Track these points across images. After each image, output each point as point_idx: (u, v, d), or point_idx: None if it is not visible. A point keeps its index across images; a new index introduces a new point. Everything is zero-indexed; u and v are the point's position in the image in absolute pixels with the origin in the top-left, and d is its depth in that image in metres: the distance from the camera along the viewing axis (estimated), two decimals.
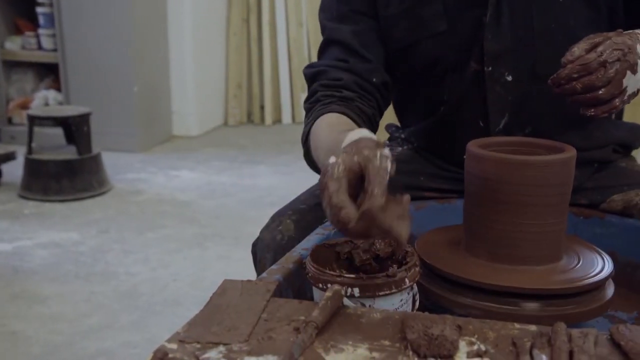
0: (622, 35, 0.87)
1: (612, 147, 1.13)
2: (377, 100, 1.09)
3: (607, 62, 0.84)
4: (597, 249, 0.89)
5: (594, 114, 0.87)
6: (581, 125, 1.07)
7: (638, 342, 0.60)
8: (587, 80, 0.84)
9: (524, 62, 1.02)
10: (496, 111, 1.05)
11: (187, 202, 3.36)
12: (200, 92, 4.83)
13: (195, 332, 0.66)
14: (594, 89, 0.84)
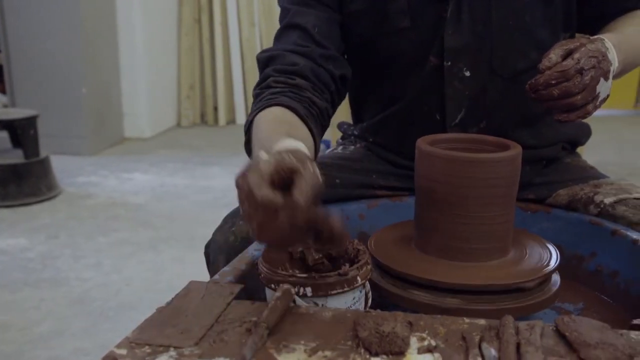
0: (595, 42, 0.90)
1: (561, 144, 1.15)
2: (332, 93, 1.04)
3: (584, 69, 0.86)
4: (544, 241, 0.92)
5: (568, 119, 0.90)
6: (533, 122, 1.09)
7: (582, 333, 0.61)
8: (565, 86, 0.86)
9: (482, 58, 1.04)
10: (453, 106, 1.06)
11: (140, 205, 3.31)
12: (152, 93, 4.77)
13: (148, 334, 0.65)
14: (570, 95, 0.87)
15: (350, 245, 0.84)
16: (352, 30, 1.10)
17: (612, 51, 0.92)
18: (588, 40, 0.90)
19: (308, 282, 0.73)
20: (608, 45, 0.92)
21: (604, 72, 0.88)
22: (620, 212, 0.98)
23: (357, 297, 0.77)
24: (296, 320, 0.67)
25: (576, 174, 1.10)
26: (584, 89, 0.87)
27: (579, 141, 1.20)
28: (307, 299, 0.74)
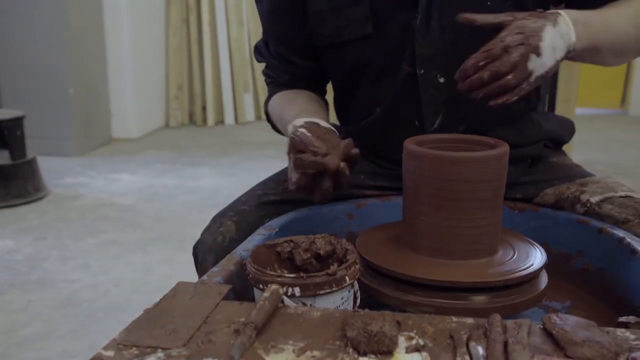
0: (529, 18, 0.88)
1: (543, 142, 1.16)
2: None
3: (510, 47, 0.85)
4: (531, 240, 0.92)
5: (504, 101, 0.87)
6: (513, 121, 1.10)
7: (568, 331, 0.62)
8: (493, 66, 0.85)
9: (456, 64, 1.02)
10: (430, 112, 1.06)
11: (129, 206, 3.30)
12: (140, 93, 4.75)
13: (135, 336, 0.65)
14: (501, 76, 0.85)
15: (338, 245, 0.84)
16: (319, 32, 1.10)
17: (562, 27, 0.89)
18: (524, 14, 0.89)
19: (296, 282, 0.74)
20: (561, 21, 0.89)
21: (533, 48, 0.85)
22: (607, 210, 0.99)
23: (345, 297, 0.77)
24: (284, 321, 0.67)
25: (562, 172, 1.10)
26: (515, 66, 0.85)
27: (563, 139, 1.20)
28: (296, 299, 0.74)
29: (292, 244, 0.85)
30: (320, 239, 0.85)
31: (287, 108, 1.16)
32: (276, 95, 1.22)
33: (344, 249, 0.83)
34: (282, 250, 0.85)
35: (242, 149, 4.39)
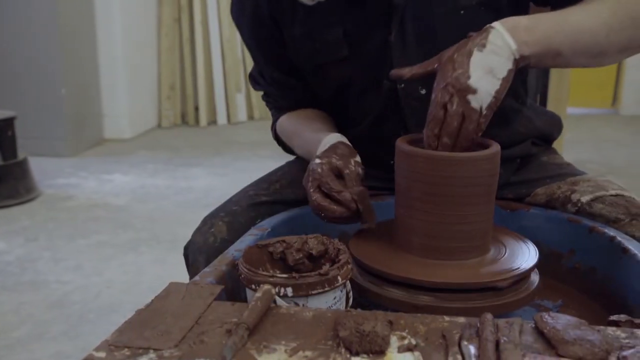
0: (453, 57, 0.86)
1: (531, 140, 1.16)
2: None
3: (446, 103, 0.85)
4: (523, 239, 0.92)
5: (477, 138, 0.87)
6: (504, 121, 1.09)
7: (560, 329, 0.62)
8: (445, 131, 0.86)
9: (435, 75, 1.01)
10: (415, 123, 1.05)
11: (121, 206, 3.29)
12: (132, 94, 4.73)
13: (127, 337, 0.64)
14: (458, 131, 0.86)
15: (330, 245, 0.84)
16: (299, 53, 1.10)
17: (493, 44, 0.85)
18: (451, 53, 0.86)
19: (289, 282, 0.73)
20: (493, 37, 0.85)
21: (465, 91, 0.84)
22: (598, 210, 0.99)
23: (338, 297, 0.77)
24: (277, 321, 0.67)
25: (553, 171, 1.11)
26: (462, 116, 0.85)
27: (551, 135, 1.20)
28: (288, 299, 0.74)
29: (285, 244, 0.85)
30: (312, 239, 0.85)
31: (301, 128, 1.17)
32: (283, 117, 1.22)
33: (336, 249, 0.83)
34: (274, 251, 0.85)
35: (235, 149, 4.39)
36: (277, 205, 1.10)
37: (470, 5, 1.00)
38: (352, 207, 0.91)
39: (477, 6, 1.00)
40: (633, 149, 4.34)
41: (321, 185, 0.93)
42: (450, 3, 1.00)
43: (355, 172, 0.95)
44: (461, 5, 1.00)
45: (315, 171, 0.94)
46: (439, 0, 1.00)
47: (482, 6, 1.00)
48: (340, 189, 0.92)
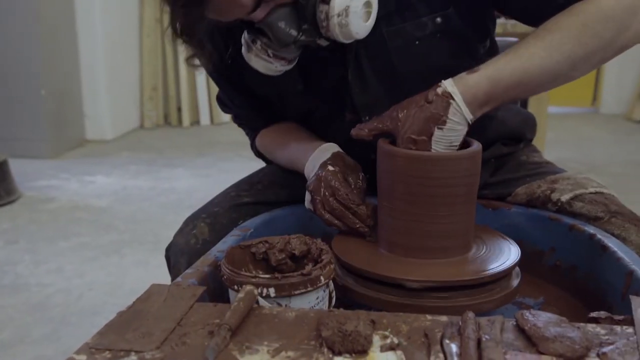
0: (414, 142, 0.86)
1: (501, 141, 1.15)
2: None
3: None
4: (505, 237, 0.93)
5: None
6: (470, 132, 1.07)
7: (540, 327, 0.62)
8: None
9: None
10: None
11: (103, 208, 3.26)
12: (113, 94, 4.69)
13: (108, 339, 0.64)
14: None
15: (313, 245, 0.84)
16: (259, 86, 1.07)
17: (452, 121, 0.85)
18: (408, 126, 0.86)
19: (271, 282, 0.73)
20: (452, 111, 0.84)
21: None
22: (578, 209, 1.00)
23: (320, 297, 0.77)
24: (259, 321, 0.67)
25: (532, 170, 1.11)
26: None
27: (523, 135, 1.19)
28: (271, 300, 0.74)
29: (267, 245, 0.85)
30: (295, 239, 0.85)
31: (284, 140, 1.15)
32: (262, 134, 1.21)
33: (319, 249, 0.83)
34: (256, 251, 0.85)
35: (218, 150, 4.37)
36: (259, 206, 1.10)
37: (424, 35, 0.98)
38: (369, 223, 0.93)
39: (432, 35, 0.98)
40: (613, 147, 4.38)
41: (336, 194, 0.93)
42: (403, 36, 0.98)
43: (363, 186, 0.98)
44: (415, 37, 0.98)
45: (328, 179, 0.94)
46: (392, 34, 0.97)
47: (438, 33, 0.98)
48: (359, 202, 0.94)
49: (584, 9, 0.87)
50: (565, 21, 0.87)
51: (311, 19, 0.89)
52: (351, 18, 0.87)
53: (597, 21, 0.86)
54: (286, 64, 0.96)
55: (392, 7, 0.96)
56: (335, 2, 0.86)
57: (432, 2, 0.96)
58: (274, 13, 0.87)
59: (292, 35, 0.89)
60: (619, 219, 0.97)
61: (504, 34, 1.49)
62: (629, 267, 0.84)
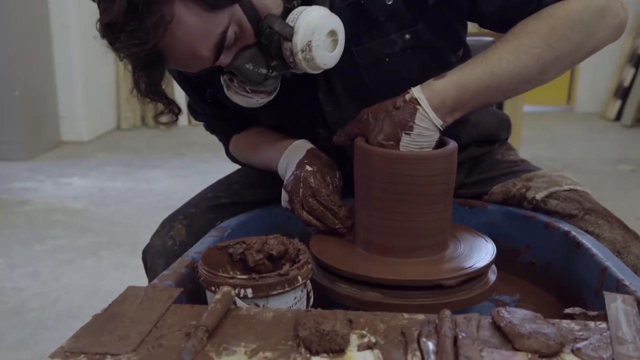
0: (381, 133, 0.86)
1: (474, 144, 1.15)
2: None
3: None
4: (481, 234, 0.94)
5: None
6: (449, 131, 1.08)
7: (516, 324, 0.63)
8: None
9: None
10: None
11: (80, 210, 3.22)
12: (89, 95, 4.65)
13: (83, 343, 0.63)
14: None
15: (291, 245, 0.84)
16: (227, 102, 1.04)
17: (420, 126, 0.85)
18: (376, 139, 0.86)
19: (248, 283, 0.73)
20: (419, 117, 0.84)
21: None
22: (552, 206, 1.01)
23: (298, 297, 0.77)
24: (237, 322, 0.67)
25: (508, 168, 1.12)
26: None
27: (497, 136, 1.19)
28: (248, 301, 0.73)
29: (244, 245, 0.85)
30: (272, 240, 0.84)
31: (257, 142, 1.14)
32: (234, 139, 1.20)
33: (297, 248, 0.83)
34: (234, 252, 0.84)
35: (195, 151, 4.35)
36: (236, 207, 1.10)
37: (393, 52, 0.97)
38: (348, 224, 0.93)
39: (402, 51, 0.97)
40: (588, 145, 4.45)
41: (317, 195, 0.93)
42: (373, 54, 0.97)
43: (340, 184, 0.98)
44: (384, 54, 0.97)
45: (307, 179, 0.93)
46: (362, 53, 0.97)
47: (408, 50, 0.97)
48: (340, 203, 0.94)
49: (552, 13, 0.88)
50: (533, 25, 0.88)
51: (278, 55, 0.88)
52: (315, 52, 0.87)
53: (565, 25, 0.87)
54: (266, 96, 0.96)
55: (361, 27, 0.95)
56: (298, 39, 0.86)
57: (400, 20, 0.95)
58: (239, 57, 0.87)
59: (263, 74, 0.89)
60: (592, 216, 0.98)
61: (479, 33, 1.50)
62: (602, 263, 0.85)
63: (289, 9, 0.88)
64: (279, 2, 0.88)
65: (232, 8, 0.82)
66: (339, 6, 0.94)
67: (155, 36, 0.77)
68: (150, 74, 0.83)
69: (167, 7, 0.78)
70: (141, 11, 0.76)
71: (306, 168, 0.95)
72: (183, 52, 0.83)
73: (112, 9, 0.77)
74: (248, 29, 0.85)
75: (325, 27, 0.87)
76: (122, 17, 0.76)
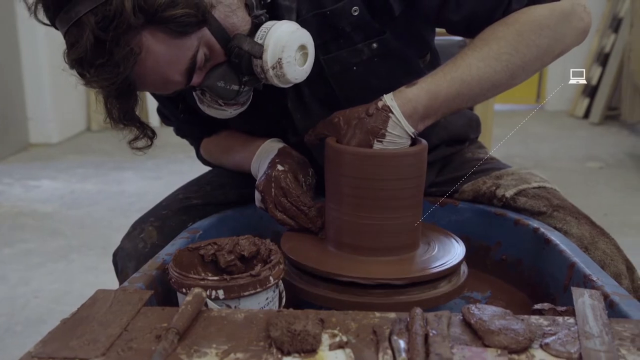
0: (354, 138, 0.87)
1: (444, 144, 1.16)
2: None
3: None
4: (451, 234, 0.94)
5: None
6: None
7: (486, 320, 0.64)
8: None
9: None
10: None
11: (49, 213, 3.17)
12: (59, 96, 4.57)
13: (51, 348, 0.62)
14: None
15: (262, 245, 0.84)
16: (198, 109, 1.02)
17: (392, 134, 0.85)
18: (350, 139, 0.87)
19: (220, 284, 0.73)
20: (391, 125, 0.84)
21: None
22: (522, 204, 1.03)
23: (270, 297, 0.77)
24: (208, 324, 0.66)
25: (478, 167, 1.13)
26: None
27: (466, 136, 1.20)
28: (220, 302, 0.73)
29: (216, 246, 0.84)
30: (244, 240, 0.84)
31: (229, 144, 1.14)
32: (205, 142, 1.20)
33: (268, 249, 0.82)
34: (205, 253, 0.84)
35: (168, 152, 4.30)
36: (208, 208, 1.09)
37: (361, 61, 0.97)
38: (319, 224, 0.94)
39: (369, 59, 0.98)
40: (557, 142, 4.51)
41: (288, 196, 0.93)
42: (340, 63, 0.97)
43: (313, 182, 0.98)
44: (352, 63, 0.97)
45: (279, 179, 0.94)
46: (329, 61, 0.97)
47: (375, 58, 0.98)
48: (310, 204, 0.94)
49: (518, 18, 0.89)
50: (501, 31, 0.89)
51: (249, 72, 0.89)
52: (286, 69, 0.87)
53: (532, 31, 0.88)
54: (240, 107, 0.96)
55: (328, 36, 0.95)
56: (268, 57, 0.86)
57: (367, 30, 0.96)
58: (210, 76, 0.87)
59: (235, 90, 0.90)
60: (560, 212, 1.00)
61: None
62: (570, 259, 0.86)
63: (257, 25, 0.88)
64: (247, 18, 0.87)
65: (200, 31, 0.82)
66: (305, 17, 0.94)
67: (126, 69, 0.77)
68: (122, 102, 0.83)
69: (135, 39, 0.77)
70: (109, 46, 0.75)
71: (277, 167, 0.95)
72: (155, 79, 0.83)
73: (79, 44, 0.76)
74: (218, 49, 0.86)
75: (294, 43, 0.87)
76: (90, 53, 0.76)
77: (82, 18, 0.75)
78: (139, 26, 0.76)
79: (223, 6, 0.84)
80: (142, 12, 0.75)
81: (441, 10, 0.93)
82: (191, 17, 0.78)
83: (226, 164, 1.17)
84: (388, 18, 0.95)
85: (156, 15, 0.76)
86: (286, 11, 0.92)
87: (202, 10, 0.80)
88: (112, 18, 0.74)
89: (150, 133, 0.93)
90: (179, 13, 0.77)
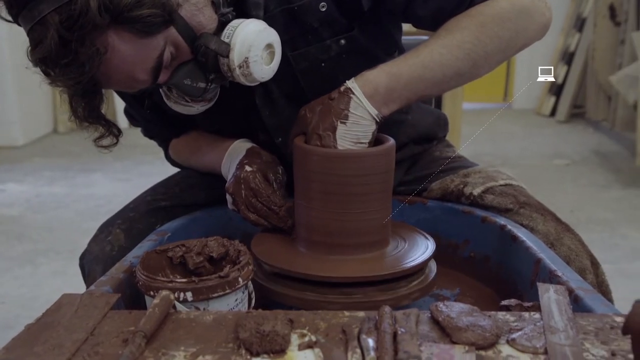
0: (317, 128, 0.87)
1: (412, 143, 1.17)
2: None
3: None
4: (421, 232, 0.95)
5: None
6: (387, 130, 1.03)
7: (453, 317, 0.64)
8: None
9: None
10: None
11: (15, 217, 3.11)
12: (23, 97, 4.48)
13: (15, 354, 0.61)
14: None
15: (231, 246, 0.83)
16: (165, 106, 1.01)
17: (354, 115, 0.86)
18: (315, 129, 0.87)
19: (188, 286, 0.72)
20: (353, 105, 0.86)
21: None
22: (489, 201, 1.04)
23: (239, 299, 0.77)
24: (176, 327, 0.66)
25: (445, 165, 1.14)
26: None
27: (435, 135, 1.21)
28: (188, 304, 0.72)
29: (184, 248, 0.84)
30: (212, 242, 0.84)
31: (198, 144, 1.13)
32: (173, 143, 1.19)
33: (237, 250, 0.82)
34: (173, 255, 0.83)
35: (137, 153, 4.25)
36: (176, 209, 1.08)
37: (329, 57, 0.98)
38: (289, 224, 0.94)
39: (338, 56, 0.98)
40: (524, 140, 4.58)
41: (258, 196, 0.93)
42: (308, 59, 0.98)
43: (284, 180, 0.98)
44: (320, 59, 0.98)
45: (248, 180, 0.94)
46: (297, 58, 0.97)
47: (343, 54, 0.98)
48: (281, 204, 0.94)
49: (482, 10, 0.90)
50: (464, 22, 0.90)
51: (215, 70, 0.88)
52: (252, 68, 0.87)
53: (494, 23, 0.90)
54: (207, 104, 0.95)
55: (296, 32, 0.96)
56: (235, 56, 0.86)
57: (335, 26, 0.96)
58: (176, 74, 0.87)
59: (201, 88, 0.89)
60: (527, 209, 1.01)
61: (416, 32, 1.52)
62: (536, 255, 0.88)
63: (224, 23, 0.88)
64: (213, 16, 0.87)
65: (167, 30, 0.81)
66: (273, 12, 0.94)
67: (91, 69, 0.76)
68: (88, 101, 0.82)
69: (100, 39, 0.76)
70: (74, 46, 0.74)
71: (245, 169, 0.95)
72: (120, 78, 0.82)
73: (43, 44, 0.74)
74: (184, 48, 0.85)
75: (261, 43, 0.87)
76: (54, 53, 0.75)
77: (47, 17, 0.74)
78: (105, 26, 0.75)
79: (189, 5, 0.83)
80: (107, 12, 0.74)
81: (409, 6, 0.95)
82: (157, 17, 0.78)
83: (195, 165, 1.16)
84: (356, 14, 0.95)
85: (122, 15, 0.75)
86: (254, 7, 0.92)
87: (168, 9, 0.79)
88: (76, 18, 0.73)
89: (116, 131, 0.92)
90: (145, 13, 0.76)
